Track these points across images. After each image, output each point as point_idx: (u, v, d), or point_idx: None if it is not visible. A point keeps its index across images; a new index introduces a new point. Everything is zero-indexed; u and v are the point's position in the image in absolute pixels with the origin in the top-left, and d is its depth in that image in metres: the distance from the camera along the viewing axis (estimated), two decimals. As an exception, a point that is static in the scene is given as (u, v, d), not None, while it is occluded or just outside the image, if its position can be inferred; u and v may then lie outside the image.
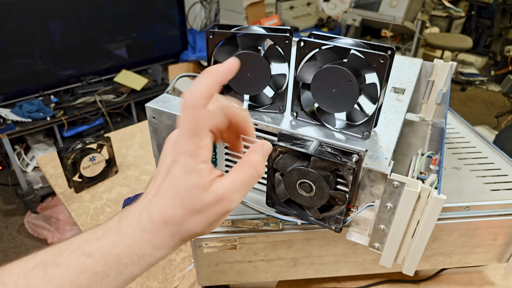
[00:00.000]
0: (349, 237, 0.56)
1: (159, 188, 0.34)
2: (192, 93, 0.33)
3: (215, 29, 0.55)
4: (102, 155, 1.01)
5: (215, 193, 0.33)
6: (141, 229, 0.33)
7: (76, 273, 0.30)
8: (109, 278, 0.31)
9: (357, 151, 0.50)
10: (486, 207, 0.61)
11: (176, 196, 0.33)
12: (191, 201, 0.33)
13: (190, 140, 0.32)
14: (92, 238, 0.32)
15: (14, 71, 2.20)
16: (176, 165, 0.33)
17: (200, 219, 0.33)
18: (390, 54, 0.48)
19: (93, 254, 0.31)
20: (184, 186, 0.33)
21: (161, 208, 0.33)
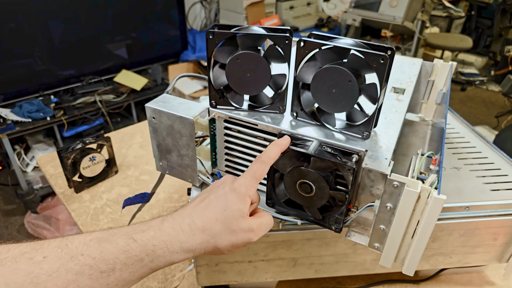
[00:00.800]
0: (349, 237, 0.56)
1: (209, 202, 0.45)
2: (267, 154, 0.49)
3: (215, 29, 0.55)
4: (102, 155, 1.01)
5: (249, 223, 0.45)
6: (179, 230, 0.42)
7: (120, 251, 0.39)
8: (142, 262, 0.40)
9: (357, 151, 0.50)
10: (486, 207, 0.61)
11: (223, 213, 0.44)
12: (232, 220, 0.43)
13: (251, 180, 0.46)
14: (138, 229, 0.41)
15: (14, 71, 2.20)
16: (232, 192, 0.45)
17: (229, 238, 0.43)
18: (390, 54, 0.48)
19: (137, 240, 0.40)
20: (233, 208, 0.44)
21: (206, 217, 0.43)
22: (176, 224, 0.42)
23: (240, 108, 0.59)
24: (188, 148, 0.61)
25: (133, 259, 0.39)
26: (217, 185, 0.47)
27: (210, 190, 0.47)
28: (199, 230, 0.42)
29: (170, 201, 0.95)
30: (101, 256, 0.38)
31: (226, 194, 0.45)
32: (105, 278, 0.37)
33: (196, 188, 0.66)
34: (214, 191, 0.46)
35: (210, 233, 0.43)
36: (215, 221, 0.43)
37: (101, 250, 0.38)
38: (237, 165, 0.65)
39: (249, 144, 0.61)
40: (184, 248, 0.42)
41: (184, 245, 0.42)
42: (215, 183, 0.49)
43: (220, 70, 0.57)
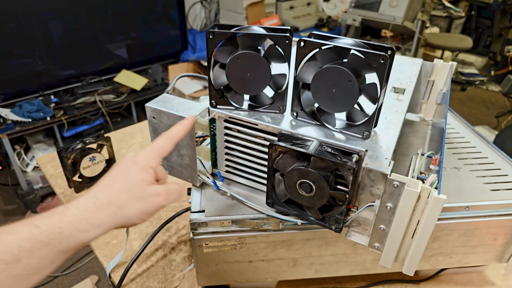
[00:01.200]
0: (349, 237, 0.56)
1: (112, 179, 0.45)
2: (172, 131, 0.52)
3: (215, 29, 0.55)
4: (102, 155, 1.01)
5: (155, 188, 0.45)
6: (84, 209, 0.41)
7: (24, 239, 0.37)
8: (49, 246, 0.39)
9: (357, 151, 0.50)
10: (486, 207, 0.61)
11: (127, 184, 0.44)
12: (136, 189, 0.44)
13: (153, 152, 0.48)
14: (42, 216, 0.40)
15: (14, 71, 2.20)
16: (133, 165, 0.46)
17: (138, 206, 0.44)
18: (390, 54, 0.48)
19: (40, 226, 0.39)
20: (135, 177, 0.45)
21: (109, 192, 0.43)
22: (80, 204, 0.42)
23: (240, 108, 0.59)
24: (188, 148, 0.61)
25: (38, 244, 0.38)
26: (119, 164, 0.47)
27: (112, 169, 0.47)
28: (105, 205, 0.42)
29: (170, 201, 0.95)
30: (3, 248, 0.36)
31: (128, 168, 0.46)
32: (11, 268, 0.36)
33: (196, 188, 0.66)
34: (116, 169, 0.46)
35: (117, 205, 0.43)
36: (120, 193, 0.43)
37: (3, 243, 0.37)
38: (237, 165, 0.65)
39: (249, 144, 0.61)
40: (93, 224, 0.41)
41: (91, 221, 0.41)
42: (116, 163, 0.49)
43: (220, 70, 0.57)
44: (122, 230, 0.87)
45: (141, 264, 0.79)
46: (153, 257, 0.81)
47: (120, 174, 0.45)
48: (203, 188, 0.66)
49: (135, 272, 0.77)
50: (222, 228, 0.60)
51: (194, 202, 0.63)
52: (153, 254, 0.81)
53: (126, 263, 0.76)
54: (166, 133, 0.51)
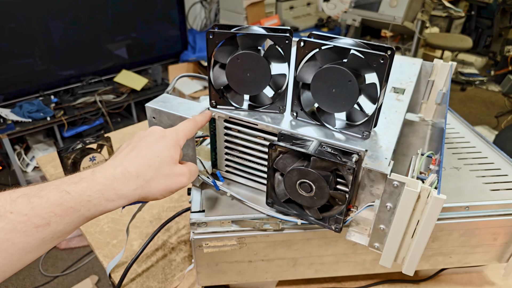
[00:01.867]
0: (349, 237, 0.56)
1: (140, 150, 0.45)
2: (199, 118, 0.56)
3: (215, 29, 0.55)
4: (102, 155, 1.01)
5: (181, 168, 0.48)
6: (112, 179, 0.42)
7: (54, 204, 0.38)
8: (78, 213, 0.39)
9: (357, 151, 0.50)
10: (486, 207, 0.61)
11: (156, 159, 0.45)
12: (165, 166, 0.45)
13: (181, 132, 0.50)
14: (70, 182, 0.40)
15: (14, 71, 2.20)
16: (163, 139, 0.47)
17: (164, 182, 0.45)
18: (390, 54, 0.48)
19: (70, 192, 0.39)
20: (165, 153, 0.46)
21: (138, 164, 0.44)
22: (108, 173, 0.42)
23: (240, 108, 0.59)
24: (188, 148, 0.61)
25: (69, 210, 0.39)
26: (145, 135, 0.48)
27: (138, 139, 0.48)
28: (133, 177, 0.43)
29: (170, 201, 0.95)
30: (33, 212, 0.37)
31: (157, 142, 0.47)
32: (40, 232, 0.37)
33: (196, 188, 0.67)
34: (144, 140, 0.47)
35: (144, 178, 0.43)
36: (149, 167, 0.44)
37: (32, 206, 0.37)
38: (237, 165, 0.65)
39: (249, 144, 0.61)
40: (120, 194, 0.42)
41: (119, 191, 0.42)
42: (141, 133, 0.49)
43: (220, 70, 0.57)
44: (122, 230, 0.87)
45: (141, 264, 0.79)
46: (153, 257, 0.81)
47: (148, 147, 0.46)
48: (203, 188, 0.66)
49: (135, 272, 0.77)
50: (222, 228, 0.60)
51: (194, 202, 0.63)
52: (153, 254, 0.81)
53: (126, 263, 0.76)
54: (194, 117, 0.54)
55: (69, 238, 1.98)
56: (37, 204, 0.37)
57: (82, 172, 0.42)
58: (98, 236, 0.86)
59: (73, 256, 1.93)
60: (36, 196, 0.38)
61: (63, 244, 1.96)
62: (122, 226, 0.88)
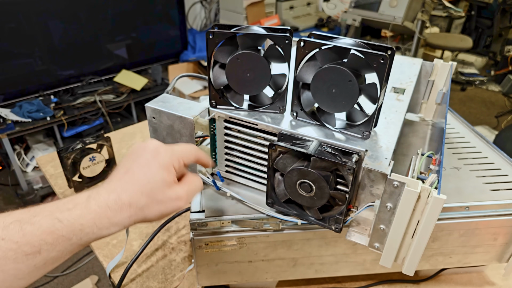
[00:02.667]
0: (349, 237, 0.56)
1: (133, 174, 0.44)
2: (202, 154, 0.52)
3: (215, 29, 0.55)
4: (102, 155, 1.01)
5: (176, 192, 0.45)
6: (106, 207, 0.41)
7: (45, 232, 0.37)
8: (70, 241, 0.39)
9: (357, 151, 0.50)
10: (486, 207, 0.61)
11: (147, 185, 0.43)
12: (157, 192, 0.44)
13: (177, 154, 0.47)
14: (64, 208, 0.40)
15: (14, 71, 2.20)
16: (155, 160, 0.45)
17: (158, 208, 0.44)
18: (390, 54, 0.48)
19: (62, 220, 0.38)
20: (156, 177, 0.44)
21: (131, 191, 0.42)
22: (102, 200, 0.41)
23: (240, 108, 0.59)
24: (188, 148, 0.61)
25: (60, 239, 0.38)
26: (139, 153, 0.46)
27: (133, 159, 0.46)
28: (126, 205, 0.42)
29: (170, 201, 0.95)
30: (24, 240, 0.36)
31: (149, 164, 0.45)
32: (31, 259, 0.37)
33: (196, 188, 0.66)
34: (137, 161, 0.45)
35: (137, 206, 0.43)
36: (141, 194, 0.43)
37: (24, 233, 0.36)
38: (237, 165, 0.65)
39: (249, 144, 0.61)
40: (113, 222, 0.42)
41: (112, 220, 0.41)
42: (137, 148, 0.47)
43: (220, 70, 0.57)
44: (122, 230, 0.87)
45: (141, 264, 0.79)
46: (153, 257, 0.81)
47: (140, 169, 0.44)
48: (203, 188, 0.66)
49: (135, 272, 0.77)
50: (222, 228, 0.60)
51: (194, 202, 0.63)
52: (153, 254, 0.81)
53: (126, 263, 0.76)
54: (198, 148, 0.52)
55: (69, 238, 1.97)
56: (28, 232, 0.37)
57: (77, 196, 0.42)
58: (98, 236, 0.86)
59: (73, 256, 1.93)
60: (29, 223, 0.37)
61: (63, 244, 1.96)
62: (122, 226, 0.88)
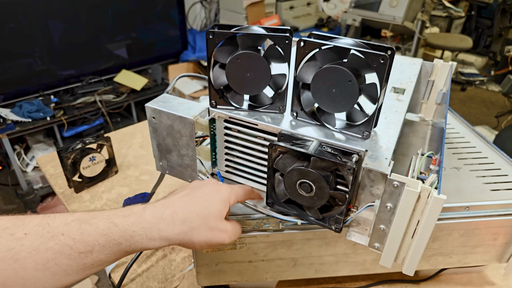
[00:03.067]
0: (349, 237, 0.56)
1: (193, 197, 0.47)
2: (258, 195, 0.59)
3: (215, 29, 0.55)
4: (102, 155, 1.01)
5: (225, 225, 0.49)
6: (159, 219, 0.43)
7: (100, 234, 0.40)
8: (119, 246, 0.41)
9: (357, 151, 0.50)
10: (486, 207, 0.61)
11: (205, 210, 0.46)
12: (211, 218, 0.47)
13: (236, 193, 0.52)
14: (120, 214, 0.42)
15: (14, 71, 2.20)
16: (217, 193, 0.49)
17: (206, 234, 0.46)
18: (390, 54, 0.48)
19: (118, 225, 0.41)
20: (215, 207, 0.47)
21: (188, 210, 0.45)
22: (157, 212, 0.44)
23: (240, 108, 0.59)
24: (188, 148, 0.61)
25: (111, 243, 0.40)
26: (202, 184, 0.50)
27: (194, 187, 0.50)
28: (180, 221, 0.44)
29: (170, 201, 0.95)
30: (81, 238, 0.39)
31: (211, 194, 0.49)
32: (83, 258, 0.39)
33: (196, 188, 0.66)
34: (199, 189, 0.49)
35: (190, 225, 0.45)
36: (196, 216, 0.45)
37: (81, 232, 0.39)
38: (237, 165, 0.65)
39: (249, 144, 0.61)
40: (162, 236, 0.43)
41: (162, 233, 0.43)
42: (198, 182, 0.52)
43: (220, 70, 0.57)
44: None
45: (141, 264, 0.79)
46: (153, 257, 0.81)
47: (202, 196, 0.48)
48: (203, 188, 0.66)
49: (135, 272, 0.77)
50: (222, 228, 0.60)
51: (194, 202, 0.63)
52: (153, 254, 0.81)
53: (126, 263, 0.76)
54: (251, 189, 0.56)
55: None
56: (86, 231, 0.39)
57: (135, 206, 0.45)
58: (98, 236, 0.86)
59: (73, 256, 1.93)
60: (87, 223, 0.40)
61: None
62: (122, 226, 0.88)
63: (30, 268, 0.36)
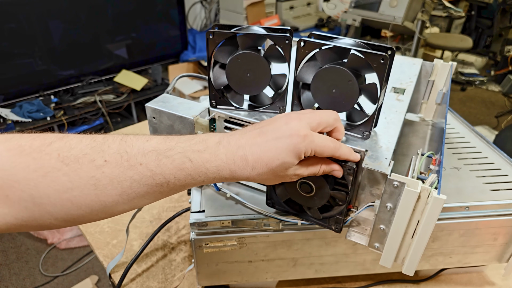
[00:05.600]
0: (349, 237, 0.56)
1: (266, 140, 0.43)
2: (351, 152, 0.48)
3: (215, 29, 0.55)
4: (102, 155, 1.01)
5: (295, 170, 0.45)
6: (231, 160, 0.43)
7: (176, 168, 0.41)
8: (194, 180, 0.42)
9: (357, 151, 0.50)
10: (486, 207, 0.61)
11: (275, 161, 0.43)
12: (281, 170, 0.44)
13: (313, 148, 0.44)
14: (195, 149, 0.42)
15: (14, 71, 2.20)
16: (289, 140, 0.43)
17: (274, 180, 0.46)
18: (390, 54, 0.48)
19: (193, 160, 0.41)
20: (286, 159, 0.43)
21: (257, 157, 0.43)
22: (230, 152, 0.43)
23: (240, 108, 0.59)
24: (188, 148, 0.61)
25: (187, 177, 0.42)
26: (286, 129, 0.44)
27: (276, 128, 0.44)
28: (250, 167, 0.43)
29: (170, 201, 0.95)
30: (159, 170, 0.40)
31: (282, 140, 0.43)
32: (159, 187, 0.41)
33: (196, 188, 0.66)
34: (274, 130, 0.44)
35: (258, 172, 0.43)
36: (265, 165, 0.43)
37: (158, 164, 0.40)
38: (237, 165, 0.65)
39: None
40: (233, 176, 0.43)
41: (233, 174, 0.43)
42: (282, 117, 0.46)
43: (220, 70, 0.57)
44: (122, 230, 0.87)
45: (141, 264, 0.79)
46: (153, 257, 0.81)
47: (273, 141, 0.43)
48: (203, 188, 0.66)
49: (135, 272, 0.77)
50: (222, 228, 0.60)
51: (194, 202, 0.63)
52: (153, 254, 0.81)
53: (126, 263, 0.76)
54: (337, 147, 0.46)
55: (69, 238, 1.98)
56: (162, 163, 0.40)
57: (209, 138, 0.43)
58: (98, 236, 0.86)
59: (73, 256, 1.93)
60: (164, 155, 0.40)
61: (63, 244, 1.96)
62: (122, 226, 0.88)
63: (110, 194, 0.39)
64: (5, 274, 1.81)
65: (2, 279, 1.79)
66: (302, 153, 0.43)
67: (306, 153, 0.44)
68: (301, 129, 0.43)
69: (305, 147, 0.43)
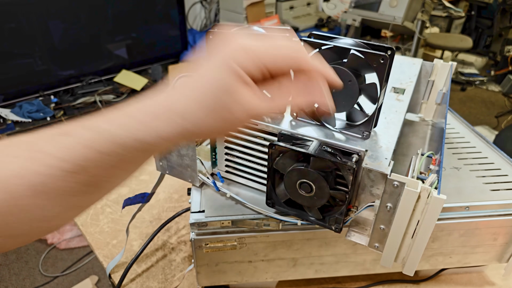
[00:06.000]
0: (349, 237, 0.56)
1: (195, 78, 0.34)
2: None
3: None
4: (102, 155, 1.01)
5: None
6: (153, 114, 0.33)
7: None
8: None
9: (357, 151, 0.50)
10: (486, 207, 0.61)
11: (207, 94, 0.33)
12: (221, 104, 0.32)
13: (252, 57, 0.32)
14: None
15: (14, 71, 2.20)
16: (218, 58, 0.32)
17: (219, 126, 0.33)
18: (390, 54, 0.48)
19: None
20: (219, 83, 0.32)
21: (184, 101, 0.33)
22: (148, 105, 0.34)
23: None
24: (188, 148, 0.61)
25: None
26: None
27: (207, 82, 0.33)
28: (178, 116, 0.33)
29: (170, 201, 0.95)
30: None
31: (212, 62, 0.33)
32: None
33: (196, 188, 0.66)
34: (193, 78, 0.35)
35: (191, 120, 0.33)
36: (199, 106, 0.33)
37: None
38: (237, 165, 0.65)
39: (249, 144, 0.61)
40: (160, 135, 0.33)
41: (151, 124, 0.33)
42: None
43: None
44: (122, 231, 0.87)
45: (141, 264, 0.79)
46: (153, 257, 0.81)
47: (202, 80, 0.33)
48: (203, 188, 0.66)
49: (135, 272, 0.77)
50: (222, 228, 0.60)
51: (194, 202, 0.63)
52: (153, 254, 0.81)
53: (126, 263, 0.76)
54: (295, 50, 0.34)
55: (69, 238, 1.98)
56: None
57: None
58: (98, 236, 0.86)
59: (73, 256, 1.93)
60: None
61: (63, 244, 1.96)
62: (122, 226, 0.88)
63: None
64: (5, 274, 1.81)
65: (2, 279, 1.79)
66: (239, 67, 0.31)
67: (247, 67, 0.32)
68: (232, 45, 0.32)
69: (243, 59, 0.31)
